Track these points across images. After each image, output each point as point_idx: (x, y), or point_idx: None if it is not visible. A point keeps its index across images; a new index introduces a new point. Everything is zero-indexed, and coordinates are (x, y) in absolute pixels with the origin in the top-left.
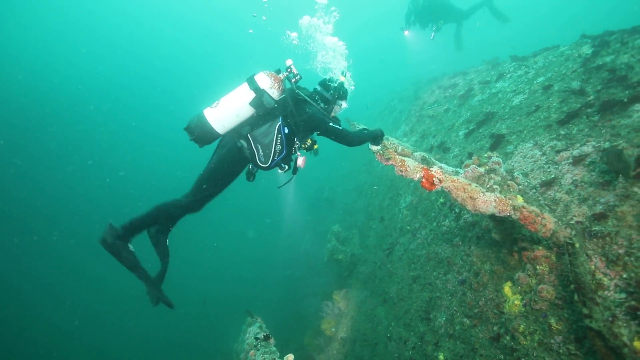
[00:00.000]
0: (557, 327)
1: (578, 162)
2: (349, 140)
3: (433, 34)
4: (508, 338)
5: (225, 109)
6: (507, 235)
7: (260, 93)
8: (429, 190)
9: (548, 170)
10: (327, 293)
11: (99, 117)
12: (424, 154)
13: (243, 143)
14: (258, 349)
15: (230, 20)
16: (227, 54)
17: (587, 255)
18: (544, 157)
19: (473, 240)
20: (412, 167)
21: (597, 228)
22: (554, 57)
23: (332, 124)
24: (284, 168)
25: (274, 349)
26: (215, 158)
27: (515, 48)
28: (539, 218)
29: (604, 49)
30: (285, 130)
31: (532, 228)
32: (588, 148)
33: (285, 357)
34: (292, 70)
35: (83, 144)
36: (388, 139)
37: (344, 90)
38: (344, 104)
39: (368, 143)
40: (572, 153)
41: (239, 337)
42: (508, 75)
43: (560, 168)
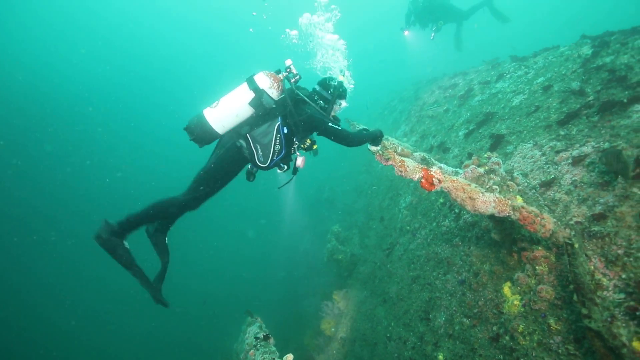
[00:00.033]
0: (556, 327)
1: (577, 162)
2: (348, 141)
3: (433, 34)
4: (507, 338)
5: (225, 109)
6: (506, 236)
7: (260, 93)
8: (429, 191)
9: (547, 171)
10: (327, 293)
11: (98, 117)
12: (424, 154)
13: (242, 143)
14: (258, 349)
15: (230, 19)
16: (227, 54)
17: (586, 256)
18: (544, 157)
19: (472, 241)
20: (411, 167)
21: (596, 228)
22: (554, 57)
23: (331, 124)
24: (283, 168)
25: (274, 349)
26: (214, 157)
27: (515, 48)
28: (538, 218)
29: (604, 50)
30: (285, 130)
31: (531, 228)
32: (587, 148)
33: (285, 357)
34: (291, 70)
35: (82, 144)
36: (388, 139)
37: (343, 89)
38: (344, 103)
39: (367, 144)
40: (571, 153)
41: (239, 337)
42: (508, 76)
43: (560, 168)
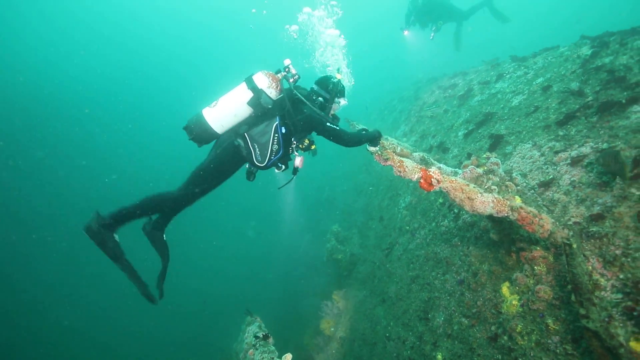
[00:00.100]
0: (554, 327)
1: (576, 163)
2: (346, 141)
3: (432, 34)
4: (506, 338)
5: (223, 109)
6: (505, 236)
7: (258, 93)
8: (427, 191)
9: (546, 171)
10: (326, 293)
11: (96, 118)
12: (423, 154)
13: (240, 142)
14: (257, 348)
15: (230, 17)
16: (227, 52)
17: (584, 256)
18: (543, 157)
19: (471, 241)
20: (410, 167)
21: (594, 229)
22: (554, 57)
23: (329, 124)
24: (281, 168)
25: (273, 348)
26: (212, 155)
27: (515, 48)
28: (537, 219)
29: (603, 50)
30: (283, 130)
31: (529, 229)
32: (586, 149)
33: (284, 356)
34: (290, 70)
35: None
36: (387, 139)
37: (342, 88)
38: (343, 101)
39: (366, 144)
40: (570, 154)
41: (239, 336)
42: (507, 76)
43: (559, 169)
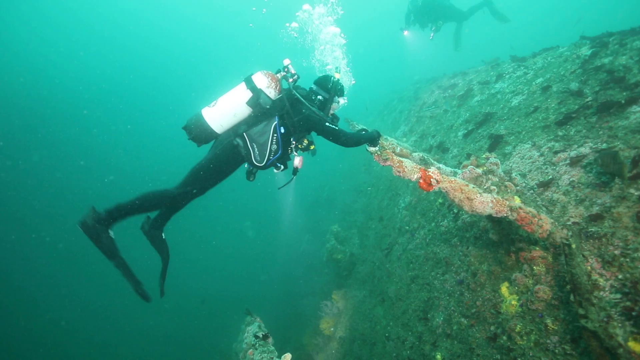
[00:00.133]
0: (553, 327)
1: (575, 163)
2: (345, 141)
3: (432, 34)
4: (505, 338)
5: (223, 109)
6: (504, 236)
7: (257, 92)
8: (427, 191)
9: (546, 171)
10: (326, 292)
11: (94, 119)
12: (423, 155)
13: (239, 141)
14: (256, 348)
15: (229, 16)
16: (226, 51)
17: (583, 256)
18: (542, 158)
19: (471, 241)
20: (409, 167)
21: (593, 229)
22: (553, 58)
23: (327, 124)
24: (280, 168)
25: (272, 348)
26: (210, 154)
27: (514, 48)
28: (536, 219)
29: (603, 51)
30: (282, 130)
31: (528, 229)
32: (585, 149)
33: (283, 356)
34: (289, 70)
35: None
36: (387, 139)
37: (341, 87)
38: (342, 101)
39: (366, 144)
40: (569, 154)
41: (238, 336)
42: (507, 76)
43: (558, 169)
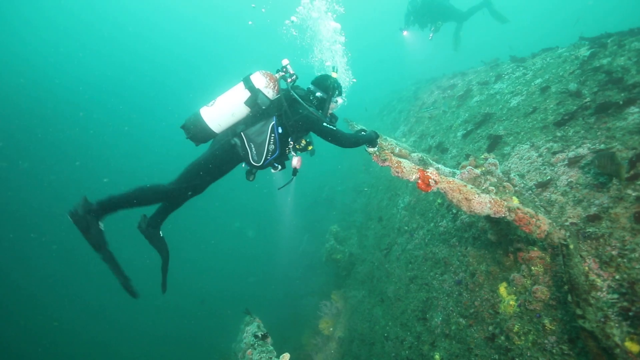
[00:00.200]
0: (550, 327)
1: (573, 163)
2: (343, 142)
3: (431, 35)
4: (503, 338)
5: (221, 108)
6: (502, 236)
7: (255, 92)
8: (425, 192)
9: (544, 172)
10: (325, 292)
11: (91, 121)
12: (422, 155)
13: (236, 141)
14: (255, 348)
15: (229, 14)
16: (226, 51)
17: (581, 257)
18: (540, 158)
19: (469, 241)
20: (408, 168)
21: (591, 229)
22: (552, 59)
23: (325, 124)
24: (277, 168)
25: (271, 348)
26: (209, 152)
27: (513, 48)
28: (534, 219)
29: (601, 52)
30: (279, 130)
31: (526, 229)
32: (583, 150)
33: (281, 356)
34: (288, 70)
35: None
36: (386, 140)
37: (339, 87)
38: (340, 100)
39: (365, 145)
40: (567, 155)
41: (237, 336)
42: (506, 77)
43: (556, 170)
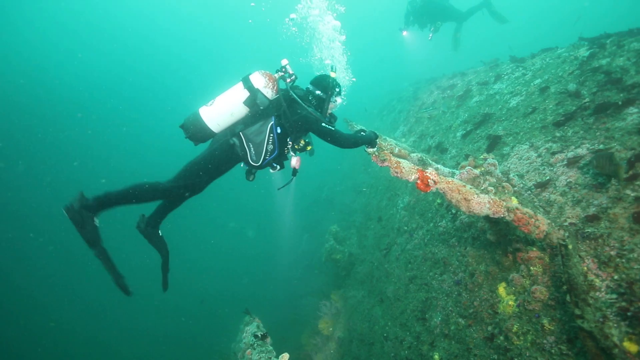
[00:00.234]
0: (549, 327)
1: (572, 164)
2: (342, 142)
3: (431, 35)
4: (502, 338)
5: (220, 108)
6: (502, 237)
7: (254, 92)
8: (424, 192)
9: (543, 172)
10: (324, 292)
11: (89, 122)
12: (421, 155)
13: (235, 141)
14: (254, 348)
15: (228, 12)
16: (226, 49)
17: (579, 257)
18: (540, 159)
19: (469, 241)
20: (407, 168)
21: (589, 230)
22: (551, 59)
23: (324, 125)
24: (276, 168)
25: (270, 348)
26: (207, 152)
27: (512, 48)
28: (532, 220)
29: (601, 52)
30: (278, 130)
31: (525, 229)
32: (582, 150)
33: (280, 356)
34: (287, 70)
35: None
36: (386, 140)
37: (338, 87)
38: (339, 100)
39: (364, 145)
40: (566, 155)
41: (237, 336)
42: (506, 77)
43: (555, 170)
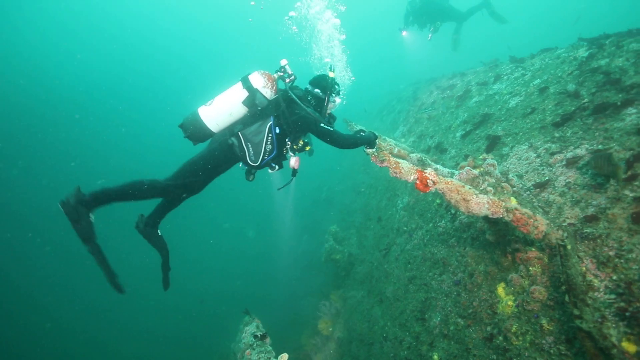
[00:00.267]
0: (548, 327)
1: (571, 164)
2: (340, 143)
3: (430, 35)
4: (501, 338)
5: (219, 108)
6: (501, 237)
7: (253, 92)
8: (423, 192)
9: (542, 173)
10: (324, 293)
11: (88, 123)
12: (421, 155)
13: (234, 141)
14: (254, 348)
15: (228, 11)
16: (225, 48)
17: (578, 257)
18: (539, 159)
19: (468, 242)
20: (406, 169)
21: (588, 230)
22: (551, 59)
23: (322, 125)
24: (274, 168)
25: (270, 348)
26: (206, 151)
27: (512, 48)
28: (531, 220)
29: (600, 52)
30: (277, 130)
31: (524, 230)
32: (581, 151)
33: (280, 356)
34: (286, 71)
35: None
36: (385, 140)
37: (336, 87)
38: (338, 100)
39: (363, 146)
40: (565, 155)
41: (237, 336)
42: (505, 77)
43: (554, 170)
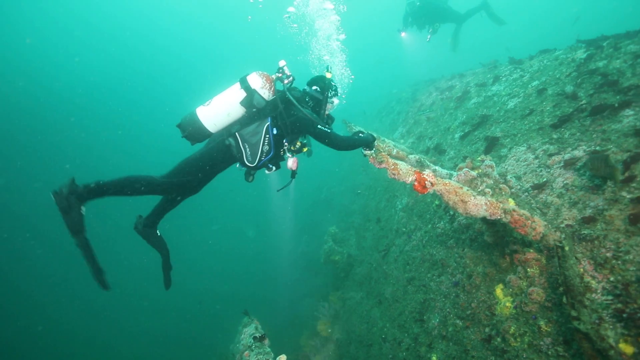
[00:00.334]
0: (546, 329)
1: (569, 165)
2: (338, 144)
3: (429, 36)
4: (499, 340)
5: (217, 108)
6: (499, 238)
7: (251, 93)
8: (422, 193)
9: (540, 174)
10: (323, 294)
11: (88, 123)
12: (419, 157)
13: (231, 141)
14: (252, 350)
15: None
16: (225, 48)
17: (576, 258)
18: (537, 160)
19: (467, 243)
20: (404, 170)
21: (586, 231)
22: (549, 61)
23: (320, 127)
24: (271, 169)
25: (268, 350)
26: (203, 151)
27: (510, 49)
28: (529, 221)
29: (598, 54)
30: (274, 131)
31: (522, 231)
32: (579, 152)
33: (279, 357)
34: (284, 72)
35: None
36: (384, 141)
37: (334, 87)
38: (336, 101)
39: (361, 147)
40: (563, 157)
41: (235, 337)
42: (504, 79)
43: (552, 172)
